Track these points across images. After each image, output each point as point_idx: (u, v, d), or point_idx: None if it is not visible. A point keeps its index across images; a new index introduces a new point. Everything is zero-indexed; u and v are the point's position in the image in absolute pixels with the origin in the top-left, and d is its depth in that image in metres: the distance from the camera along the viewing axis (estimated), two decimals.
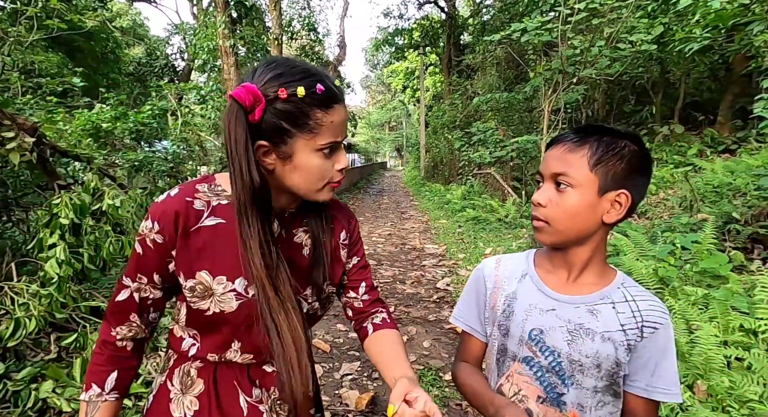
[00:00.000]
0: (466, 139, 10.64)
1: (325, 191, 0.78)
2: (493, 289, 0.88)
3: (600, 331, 0.76)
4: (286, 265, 0.76)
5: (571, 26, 6.52)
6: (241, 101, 0.68)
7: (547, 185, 0.77)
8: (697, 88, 9.92)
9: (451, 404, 2.28)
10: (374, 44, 25.51)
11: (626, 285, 0.79)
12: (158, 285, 0.79)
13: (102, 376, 0.80)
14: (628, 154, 0.73)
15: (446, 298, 3.99)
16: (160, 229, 0.75)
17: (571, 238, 0.77)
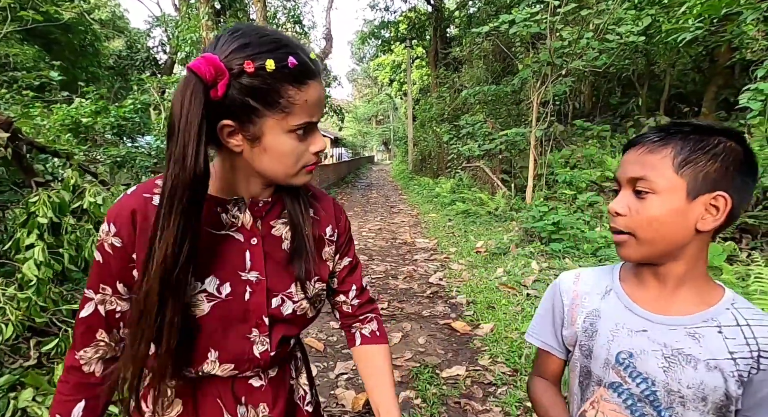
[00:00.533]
0: (455, 132, 10.60)
1: (301, 175, 0.71)
2: (571, 306, 0.79)
3: (704, 358, 0.65)
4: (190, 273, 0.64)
5: (559, 18, 6.50)
6: (201, 74, 0.58)
7: (625, 192, 0.68)
8: (682, 80, 10.01)
9: (450, 402, 2.24)
10: (360, 37, 25.32)
11: (737, 306, 0.67)
12: (124, 295, 0.70)
13: (67, 407, 0.70)
14: (723, 152, 0.63)
15: (439, 292, 3.95)
16: (117, 231, 0.66)
17: (660, 250, 0.66)
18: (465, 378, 2.46)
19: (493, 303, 3.53)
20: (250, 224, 0.74)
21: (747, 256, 3.40)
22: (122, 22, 24.21)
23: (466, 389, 2.36)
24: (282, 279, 0.75)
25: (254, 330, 0.73)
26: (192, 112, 0.59)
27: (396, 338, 2.98)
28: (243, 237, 0.73)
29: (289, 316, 0.76)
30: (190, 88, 0.59)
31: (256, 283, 0.73)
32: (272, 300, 0.74)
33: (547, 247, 4.68)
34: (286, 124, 0.64)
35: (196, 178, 0.60)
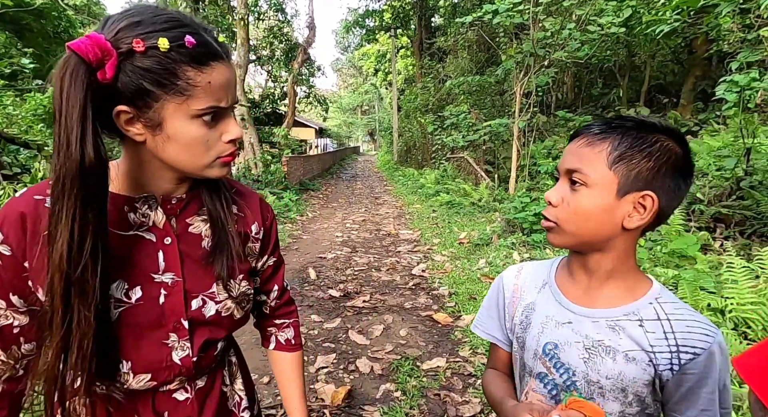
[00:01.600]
0: (439, 122, 10.59)
1: (216, 167, 0.65)
2: (512, 299, 0.81)
3: (623, 350, 0.66)
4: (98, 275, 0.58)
5: (542, 8, 6.49)
6: (82, 54, 0.52)
7: (562, 182, 0.68)
8: (662, 71, 10.14)
9: (429, 394, 2.26)
10: (345, 26, 25.02)
11: (661, 300, 0.68)
12: (20, 308, 0.63)
13: None
14: (659, 151, 0.62)
15: (422, 284, 3.97)
16: (5, 237, 0.60)
17: (585, 241, 0.68)
18: (445, 370, 2.48)
19: (475, 294, 3.56)
20: (163, 223, 0.69)
21: (720, 245, 3.49)
22: (98, 8, 23.43)
23: (446, 381, 2.38)
24: (202, 279, 0.71)
25: (172, 335, 0.68)
26: (72, 96, 0.53)
27: (378, 331, 2.98)
28: (155, 237, 0.68)
29: (212, 317, 0.71)
30: (69, 70, 0.53)
31: (172, 285, 0.68)
32: (192, 301, 0.69)
33: (529, 237, 4.73)
34: (187, 108, 0.59)
35: (84, 167, 0.55)
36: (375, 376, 2.45)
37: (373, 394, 2.27)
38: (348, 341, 2.86)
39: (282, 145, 12.34)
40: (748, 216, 3.93)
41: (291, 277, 4.18)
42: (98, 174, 0.57)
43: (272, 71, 15.50)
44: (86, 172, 0.55)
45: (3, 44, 12.00)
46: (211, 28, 0.62)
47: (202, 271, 0.71)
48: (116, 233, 0.65)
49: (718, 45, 4.93)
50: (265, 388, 2.29)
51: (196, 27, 0.59)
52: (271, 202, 7.66)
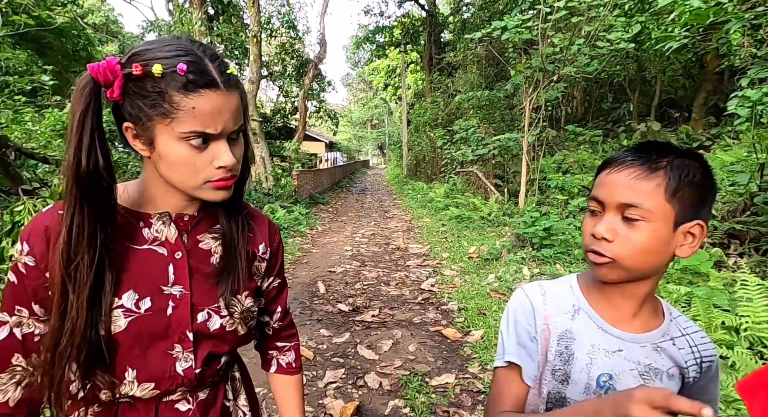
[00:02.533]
0: (449, 137, 10.64)
1: (207, 190, 0.68)
2: (543, 327, 0.74)
3: (665, 369, 0.69)
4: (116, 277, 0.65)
5: (550, 24, 6.55)
6: (93, 74, 0.60)
7: (613, 217, 0.66)
8: (672, 85, 10.12)
9: (438, 411, 2.24)
10: (355, 42, 25.38)
11: (674, 316, 0.73)
12: (41, 317, 0.67)
13: None
14: (701, 181, 0.64)
15: (431, 299, 3.95)
16: (30, 249, 0.65)
17: (640, 274, 0.67)
18: (454, 386, 2.46)
19: (484, 309, 3.54)
20: (175, 238, 0.72)
21: (734, 262, 3.43)
22: (116, 27, 24.13)
23: (455, 397, 2.36)
24: (208, 293, 0.74)
25: (177, 346, 0.70)
26: (77, 107, 0.60)
27: (386, 346, 2.97)
28: (167, 251, 0.72)
29: (216, 331, 0.73)
30: (80, 87, 0.61)
31: (180, 298, 0.71)
32: (198, 315, 0.72)
33: (539, 252, 4.70)
34: (171, 129, 0.62)
35: (84, 172, 0.60)
36: (384, 391, 2.44)
37: (381, 411, 2.26)
38: (357, 356, 2.85)
39: (292, 159, 12.47)
40: (763, 232, 3.87)
41: (300, 291, 4.19)
42: (97, 181, 0.62)
43: (284, 86, 15.76)
44: (86, 178, 0.61)
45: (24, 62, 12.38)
46: (222, 59, 0.65)
47: (209, 285, 0.74)
48: (131, 247, 0.69)
49: (729, 60, 4.92)
50: (273, 404, 2.29)
51: (202, 55, 0.63)
52: (281, 215, 7.72)
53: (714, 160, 6.07)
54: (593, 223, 0.68)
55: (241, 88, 0.67)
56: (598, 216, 0.69)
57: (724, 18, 3.17)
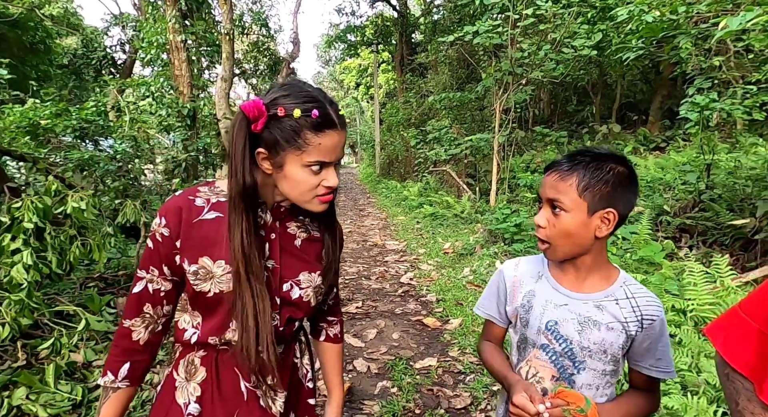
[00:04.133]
0: (422, 136, 10.89)
1: (314, 203, 0.86)
2: (513, 287, 1.02)
3: (605, 322, 0.90)
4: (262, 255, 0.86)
5: (519, 30, 6.88)
6: (246, 113, 0.79)
7: (545, 208, 0.90)
8: (631, 90, 10.70)
9: (423, 390, 2.44)
10: (326, 41, 25.30)
11: (627, 283, 0.93)
12: (168, 277, 0.87)
13: (116, 366, 0.88)
14: (613, 177, 0.85)
15: (410, 291, 4.16)
16: (167, 223, 0.84)
17: (573, 252, 0.90)
18: (437, 368, 2.67)
19: (461, 300, 3.77)
20: (271, 223, 0.91)
21: (684, 253, 3.79)
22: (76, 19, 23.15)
23: (438, 378, 2.57)
24: (292, 268, 0.92)
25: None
26: (237, 140, 0.81)
27: (372, 334, 3.15)
28: (265, 232, 0.90)
29: (295, 300, 0.91)
30: (237, 122, 0.81)
31: (272, 269, 0.89)
32: (283, 285, 0.90)
33: (510, 247, 4.98)
34: (301, 159, 0.81)
35: (245, 188, 0.81)
36: (372, 374, 2.62)
37: (371, 391, 2.44)
38: (345, 344, 3.02)
39: None
40: (710, 226, 4.27)
41: None
42: (253, 193, 0.83)
43: (257, 85, 15.65)
44: (246, 191, 0.82)
45: None
46: (336, 103, 0.85)
47: (293, 262, 0.93)
48: None
49: (681, 67, 5.35)
50: None
51: (326, 102, 0.82)
52: None
53: (668, 160, 6.55)
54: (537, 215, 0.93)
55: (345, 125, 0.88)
56: (540, 208, 0.92)
57: (675, 32, 3.50)
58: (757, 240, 3.63)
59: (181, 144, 8.11)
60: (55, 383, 1.91)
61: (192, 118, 8.32)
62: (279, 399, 0.93)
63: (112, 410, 0.89)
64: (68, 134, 7.18)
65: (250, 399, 0.91)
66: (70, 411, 1.92)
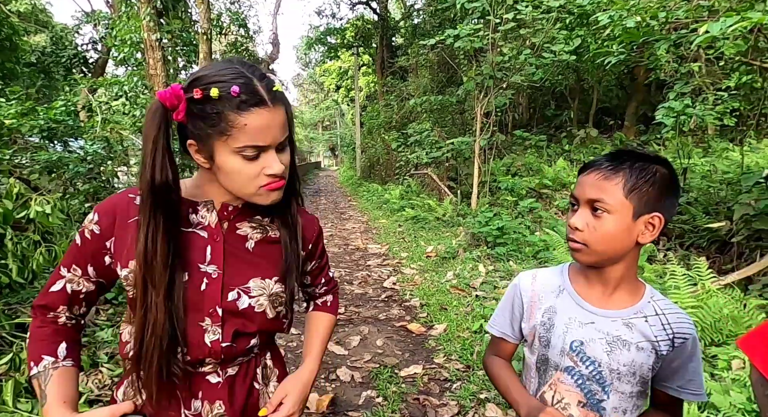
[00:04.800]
0: (403, 139, 10.87)
1: (261, 195, 0.77)
2: (530, 303, 0.94)
3: (635, 342, 0.83)
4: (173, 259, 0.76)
5: (500, 35, 6.93)
6: (162, 100, 0.71)
7: (584, 210, 0.83)
8: (607, 95, 10.94)
9: (409, 399, 2.37)
10: (306, 43, 25.14)
11: (655, 299, 0.86)
12: (92, 277, 0.82)
13: (52, 347, 0.80)
14: (659, 180, 0.80)
15: (394, 296, 4.09)
16: (99, 220, 0.79)
17: (608, 257, 0.83)
18: (422, 376, 2.61)
19: (445, 305, 3.72)
20: (216, 224, 0.83)
21: (663, 256, 3.84)
22: (45, 16, 22.37)
23: (423, 386, 2.50)
24: (239, 274, 0.82)
25: (207, 319, 0.80)
26: (149, 130, 0.72)
27: (355, 341, 3.07)
28: (207, 234, 0.82)
29: (244, 310, 0.82)
30: (151, 111, 0.72)
31: (213, 275, 0.80)
32: (228, 293, 0.81)
33: (493, 250, 4.97)
34: (228, 146, 0.71)
35: (156, 184, 0.72)
36: (356, 383, 2.54)
37: (355, 401, 2.36)
38: (327, 352, 2.93)
39: None
40: (686, 229, 4.35)
41: None
42: (165, 190, 0.72)
43: None
44: (156, 188, 0.72)
45: None
46: (269, 77, 0.75)
47: (242, 267, 0.83)
48: (180, 229, 0.80)
49: (656, 74, 5.46)
50: None
51: (253, 77, 0.72)
52: None
53: None
54: (571, 217, 0.85)
55: (287, 102, 0.77)
56: (575, 210, 0.85)
57: (655, 38, 3.55)
58: (733, 242, 3.70)
59: None
60: (14, 401, 1.77)
61: None
62: None
63: (64, 386, 0.77)
64: (35, 135, 6.89)
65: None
66: None
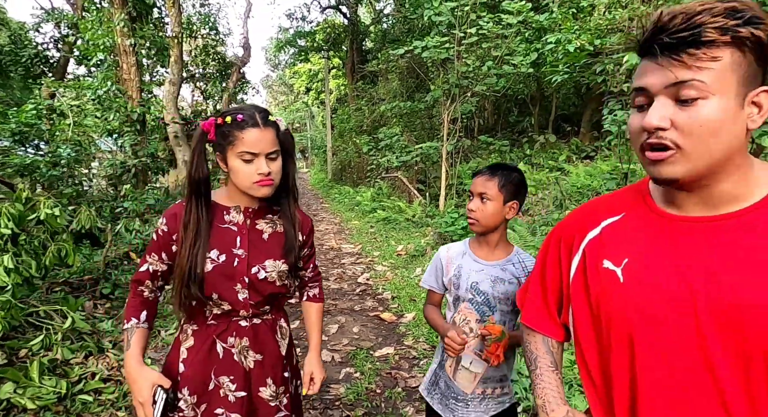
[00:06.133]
0: (374, 143, 11.24)
1: (254, 189, 1.13)
2: (446, 263, 1.44)
3: (507, 279, 1.34)
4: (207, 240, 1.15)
5: (464, 47, 7.42)
6: (203, 127, 1.13)
7: (476, 199, 1.33)
8: (566, 103, 11.67)
9: (383, 373, 2.74)
10: (276, 45, 25.11)
11: (519, 253, 1.40)
12: (165, 261, 1.21)
13: (137, 313, 1.20)
14: (516, 180, 1.32)
15: (367, 290, 4.45)
16: (167, 222, 1.18)
17: (490, 227, 1.33)
18: (394, 355, 2.98)
19: (415, 296, 4.11)
20: (242, 221, 1.22)
21: None
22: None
23: (395, 363, 2.87)
24: (259, 256, 1.20)
25: (238, 284, 1.17)
26: (194, 146, 1.16)
27: (333, 329, 3.41)
28: (237, 228, 1.21)
29: (262, 279, 1.19)
30: (198, 134, 1.15)
31: (242, 256, 1.18)
32: (252, 268, 1.18)
33: None
34: (233, 152, 1.11)
35: (196, 179, 1.15)
36: (336, 363, 2.88)
37: (336, 377, 2.70)
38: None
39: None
40: None
41: None
42: (203, 183, 1.15)
43: (208, 89, 15.39)
44: (197, 182, 1.14)
45: None
46: (268, 112, 1.16)
47: (260, 251, 1.22)
48: (217, 225, 1.19)
49: (605, 86, 6.06)
50: None
51: (255, 111, 1.14)
52: None
53: (595, 168, 7.28)
54: (469, 204, 1.34)
55: (278, 128, 1.17)
56: (471, 200, 1.34)
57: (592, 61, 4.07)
58: None
59: (130, 149, 7.93)
60: (40, 379, 2.02)
61: (141, 123, 8.16)
62: (250, 357, 1.21)
63: (140, 341, 1.19)
64: (6, 138, 6.88)
65: (226, 356, 1.19)
66: (56, 403, 2.03)
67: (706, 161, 0.62)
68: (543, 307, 0.90)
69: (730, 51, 0.59)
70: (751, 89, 0.61)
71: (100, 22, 8.11)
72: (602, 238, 0.78)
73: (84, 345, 2.48)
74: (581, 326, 0.78)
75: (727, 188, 0.65)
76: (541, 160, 9.13)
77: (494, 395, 1.35)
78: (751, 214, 0.64)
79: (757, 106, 0.62)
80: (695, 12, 0.59)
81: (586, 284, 0.77)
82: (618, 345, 0.70)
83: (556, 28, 6.79)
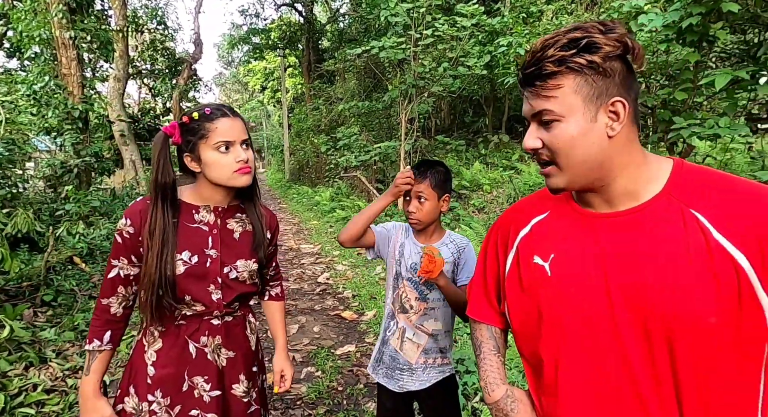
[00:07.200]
0: (332, 143, 11.18)
1: (236, 178, 1.11)
2: (395, 236, 1.57)
3: (444, 256, 1.39)
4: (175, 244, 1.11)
5: (420, 49, 7.53)
6: (165, 131, 1.11)
7: (414, 201, 1.44)
8: (518, 104, 12.08)
9: (344, 371, 2.74)
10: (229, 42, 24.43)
11: (451, 235, 1.53)
12: (135, 263, 1.14)
13: (100, 334, 1.13)
14: (443, 175, 1.46)
15: (328, 290, 4.43)
16: (131, 222, 1.11)
17: (428, 223, 1.46)
18: (355, 353, 2.99)
19: (375, 294, 4.13)
20: (213, 221, 1.19)
21: None
22: None
23: (356, 361, 2.88)
24: (231, 256, 1.19)
25: (212, 285, 1.15)
26: (156, 150, 1.12)
27: (294, 329, 3.38)
28: (208, 228, 1.18)
29: (233, 279, 1.18)
30: (158, 138, 1.13)
31: (214, 257, 1.16)
32: (224, 268, 1.17)
33: None
34: (208, 144, 1.08)
35: (159, 184, 1.10)
36: (297, 363, 2.86)
37: (297, 376, 2.68)
38: (268, 339, 3.21)
39: None
40: None
41: None
42: (168, 187, 1.10)
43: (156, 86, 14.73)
44: (163, 186, 1.09)
45: None
46: (231, 106, 1.15)
47: (231, 251, 1.19)
48: (187, 225, 1.14)
49: None
50: None
51: (219, 104, 1.13)
52: None
53: None
54: (406, 207, 1.45)
55: (244, 119, 1.16)
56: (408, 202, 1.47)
57: None
58: None
59: (71, 148, 7.46)
60: None
61: (84, 121, 7.69)
62: (223, 355, 1.19)
63: (100, 367, 1.14)
64: None
65: (199, 356, 1.17)
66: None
67: (578, 169, 0.71)
68: (485, 299, 0.98)
69: (572, 77, 0.68)
70: (604, 102, 0.68)
71: (34, 12, 7.57)
72: (532, 235, 0.85)
73: (24, 355, 2.31)
74: (516, 315, 0.86)
75: (622, 184, 0.73)
76: (495, 160, 9.41)
77: (435, 364, 1.47)
78: (638, 214, 0.72)
79: (615, 114, 0.69)
80: (539, 49, 0.70)
81: (519, 278, 0.85)
82: (548, 331, 0.78)
83: (508, 32, 7.05)
